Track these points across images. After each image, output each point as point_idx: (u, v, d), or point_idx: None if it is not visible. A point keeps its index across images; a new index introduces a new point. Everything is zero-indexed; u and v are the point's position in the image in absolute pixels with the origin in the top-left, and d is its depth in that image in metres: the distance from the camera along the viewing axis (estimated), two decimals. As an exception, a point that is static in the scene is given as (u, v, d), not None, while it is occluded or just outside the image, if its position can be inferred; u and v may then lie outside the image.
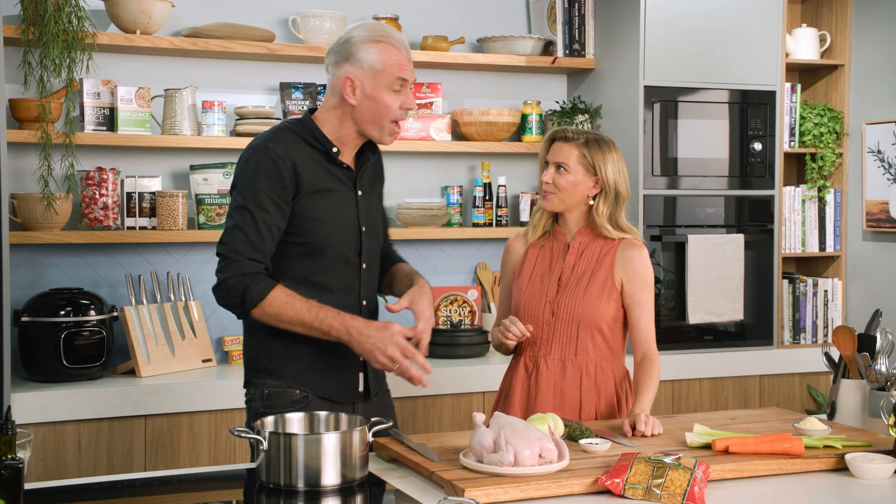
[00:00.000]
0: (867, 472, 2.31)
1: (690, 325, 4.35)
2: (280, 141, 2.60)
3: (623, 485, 2.14)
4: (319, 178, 2.61)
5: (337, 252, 2.64)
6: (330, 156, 2.64)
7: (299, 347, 2.63)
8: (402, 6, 4.40)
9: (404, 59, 2.62)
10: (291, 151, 2.58)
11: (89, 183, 3.83)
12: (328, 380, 2.66)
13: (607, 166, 2.83)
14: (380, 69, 2.59)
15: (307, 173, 2.59)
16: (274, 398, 2.64)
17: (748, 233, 4.45)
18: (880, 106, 4.57)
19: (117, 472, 3.48)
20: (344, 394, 2.70)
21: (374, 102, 2.61)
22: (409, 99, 2.64)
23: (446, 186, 4.45)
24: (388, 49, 2.60)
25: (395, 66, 2.60)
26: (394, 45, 2.61)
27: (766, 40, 4.45)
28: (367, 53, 2.60)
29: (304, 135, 2.63)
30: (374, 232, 2.75)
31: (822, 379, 4.61)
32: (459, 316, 4.43)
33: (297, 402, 2.64)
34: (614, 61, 4.41)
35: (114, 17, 3.86)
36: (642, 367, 2.81)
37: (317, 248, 2.62)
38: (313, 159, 2.62)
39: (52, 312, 3.61)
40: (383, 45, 2.60)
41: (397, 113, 2.63)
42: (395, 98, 2.62)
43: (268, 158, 2.57)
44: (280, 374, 2.65)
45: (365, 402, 2.74)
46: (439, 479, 2.19)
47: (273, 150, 2.57)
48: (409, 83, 2.64)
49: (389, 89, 2.61)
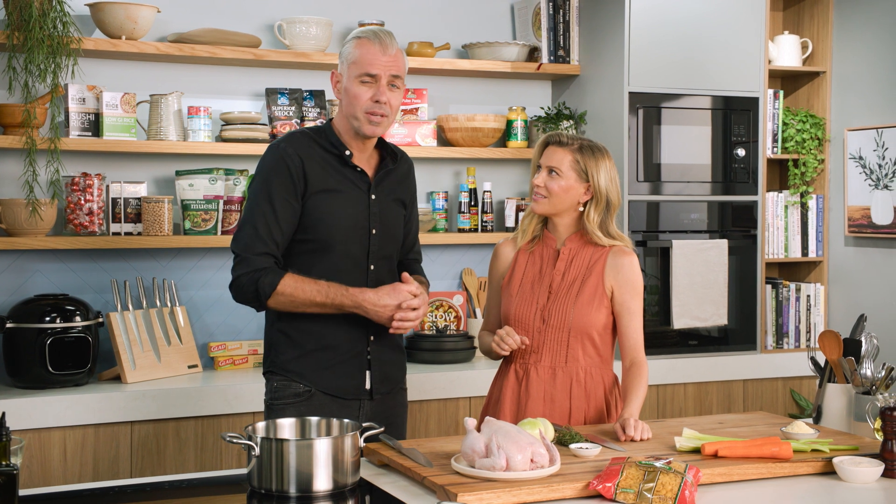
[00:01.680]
0: (855, 476, 2.33)
1: (675, 330, 4.37)
2: (291, 141, 2.75)
3: (614, 489, 2.15)
4: (329, 178, 2.73)
5: (344, 251, 2.74)
6: (343, 158, 2.75)
7: (305, 343, 2.75)
8: (388, 12, 4.41)
9: (377, 55, 2.70)
10: (301, 151, 2.72)
11: (74, 189, 3.82)
12: (332, 376, 2.74)
13: (600, 173, 2.84)
14: (352, 61, 2.74)
15: (316, 173, 2.71)
16: (280, 391, 2.76)
17: (731, 238, 4.48)
18: (861, 112, 4.62)
19: (103, 479, 3.46)
20: (348, 390, 2.77)
21: (348, 95, 2.74)
22: (380, 92, 2.71)
23: (432, 192, 4.46)
24: (364, 44, 2.72)
25: (365, 60, 2.70)
26: (371, 42, 2.71)
27: (748, 47, 4.49)
28: (347, 48, 2.76)
29: (318, 138, 2.77)
30: (388, 236, 2.83)
31: (805, 383, 4.64)
32: (445, 321, 4.43)
33: (300, 395, 2.74)
34: (599, 68, 4.43)
35: (99, 22, 3.85)
36: (631, 372, 2.82)
37: (323, 245, 2.72)
38: (326, 161, 2.74)
39: (38, 318, 3.60)
40: (362, 41, 2.73)
41: (367, 104, 2.71)
42: (366, 90, 2.71)
43: (277, 156, 2.72)
44: (286, 368, 2.77)
45: (371, 400, 2.81)
46: (431, 484, 2.20)
47: (283, 148, 2.73)
48: (378, 79, 2.70)
49: (358, 81, 2.71)
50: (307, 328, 2.74)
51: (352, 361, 2.78)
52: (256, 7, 4.24)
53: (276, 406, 2.77)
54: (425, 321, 4.42)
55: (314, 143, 2.76)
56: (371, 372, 2.80)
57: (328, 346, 2.75)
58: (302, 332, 2.75)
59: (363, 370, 2.79)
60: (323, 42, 4.15)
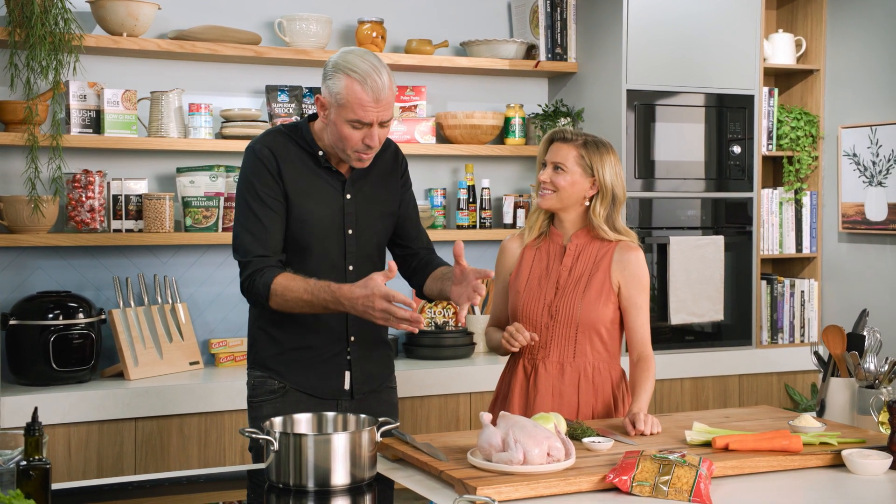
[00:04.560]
0: (864, 468, 2.36)
1: (671, 325, 4.40)
2: (266, 141, 2.72)
3: (630, 482, 2.18)
4: (302, 178, 2.70)
5: (321, 252, 2.72)
6: (316, 158, 2.72)
7: (285, 342, 2.75)
8: (387, 10, 4.42)
9: (368, 104, 2.57)
10: (277, 150, 2.69)
11: (76, 185, 3.81)
12: (308, 375, 2.74)
13: (605, 168, 2.87)
14: (342, 103, 2.59)
15: (290, 172, 2.69)
16: (257, 387, 2.78)
17: (727, 234, 4.52)
18: (855, 110, 4.66)
19: (107, 476, 3.47)
20: (324, 390, 2.76)
21: (337, 131, 2.63)
22: (371, 137, 2.61)
23: (430, 189, 4.48)
24: (355, 90, 2.56)
25: (357, 105, 2.57)
26: (363, 89, 2.56)
27: (744, 45, 4.53)
28: (335, 83, 2.59)
29: (293, 136, 2.73)
30: (366, 236, 2.78)
31: (800, 378, 4.69)
32: (444, 318, 4.45)
33: (275, 391, 2.75)
34: (596, 65, 4.46)
35: (100, 19, 3.85)
36: (638, 367, 2.85)
37: (300, 246, 2.71)
38: (300, 159, 2.71)
39: (41, 315, 3.60)
40: (353, 82, 2.56)
41: (358, 146, 2.63)
42: (357, 133, 2.61)
43: (255, 158, 2.70)
44: (265, 365, 2.78)
45: (351, 401, 2.80)
46: (449, 478, 2.22)
47: (259, 150, 2.70)
48: (370, 125, 2.60)
49: (349, 125, 2.60)
50: (287, 327, 2.73)
51: (330, 361, 2.76)
52: (257, 4, 4.25)
53: (254, 402, 2.78)
54: (424, 317, 4.43)
55: (290, 140, 2.71)
56: (352, 372, 2.78)
57: (307, 346, 2.74)
58: (282, 330, 2.74)
59: (342, 371, 2.77)
60: (323, 39, 4.16)
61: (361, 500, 2.21)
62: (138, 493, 2.33)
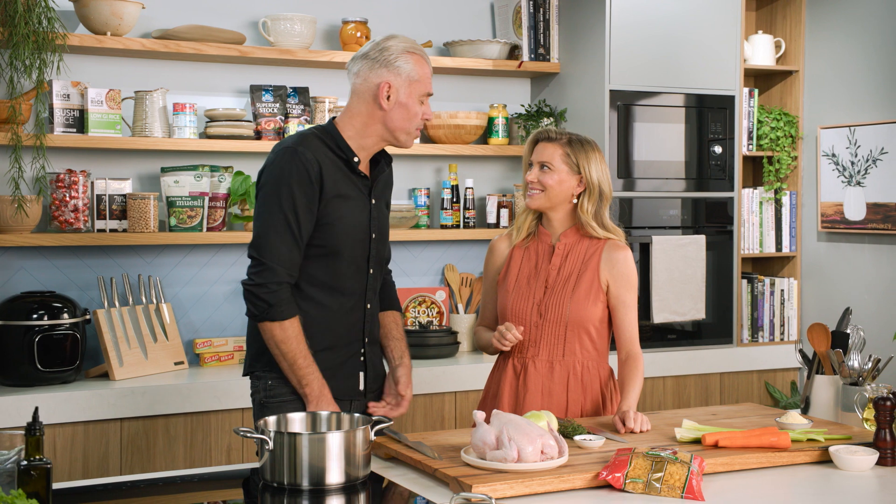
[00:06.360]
0: (851, 464, 2.40)
1: (653, 324, 4.44)
2: (308, 145, 2.70)
3: (623, 479, 2.20)
4: (340, 183, 2.71)
5: (350, 257, 2.75)
6: (351, 164, 2.75)
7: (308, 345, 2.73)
8: (370, 10, 4.43)
9: (430, 73, 2.82)
10: (318, 156, 2.69)
11: (59, 185, 3.80)
12: (329, 377, 2.71)
13: (591, 165, 2.90)
14: (415, 79, 2.76)
15: (330, 178, 2.70)
16: (276, 388, 2.73)
17: (707, 234, 4.56)
18: (834, 111, 4.71)
19: (93, 477, 3.46)
20: (343, 391, 2.77)
21: (406, 110, 2.75)
22: (429, 110, 2.82)
23: (414, 189, 4.49)
24: (422, 63, 2.78)
25: (426, 79, 2.79)
26: (426, 61, 2.80)
27: (724, 47, 4.57)
28: (405, 63, 2.75)
29: (328, 141, 2.74)
30: (383, 239, 2.87)
31: (780, 376, 4.74)
32: (428, 317, 4.47)
33: (295, 392, 2.70)
34: (578, 66, 4.49)
35: (84, 18, 3.84)
36: (627, 365, 2.88)
37: (332, 251, 2.72)
38: (336, 165, 2.73)
39: (25, 316, 3.58)
40: (418, 57, 2.78)
41: (421, 121, 2.80)
42: (422, 108, 2.79)
43: (298, 161, 2.66)
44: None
45: (364, 399, 2.84)
46: (443, 476, 2.24)
47: (302, 153, 2.67)
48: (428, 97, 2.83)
49: (419, 100, 2.77)
50: (310, 330, 2.71)
51: (349, 362, 2.79)
52: (241, 4, 4.24)
53: (272, 403, 2.74)
54: (408, 317, 4.45)
55: (324, 145, 2.73)
56: (366, 373, 2.82)
57: (327, 348, 2.74)
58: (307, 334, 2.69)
59: (357, 371, 2.80)
60: (307, 39, 4.16)
61: (356, 499, 2.22)
62: (125, 493, 2.33)
